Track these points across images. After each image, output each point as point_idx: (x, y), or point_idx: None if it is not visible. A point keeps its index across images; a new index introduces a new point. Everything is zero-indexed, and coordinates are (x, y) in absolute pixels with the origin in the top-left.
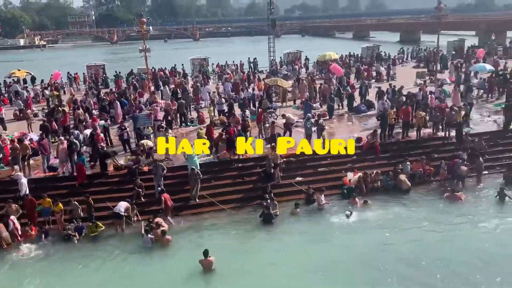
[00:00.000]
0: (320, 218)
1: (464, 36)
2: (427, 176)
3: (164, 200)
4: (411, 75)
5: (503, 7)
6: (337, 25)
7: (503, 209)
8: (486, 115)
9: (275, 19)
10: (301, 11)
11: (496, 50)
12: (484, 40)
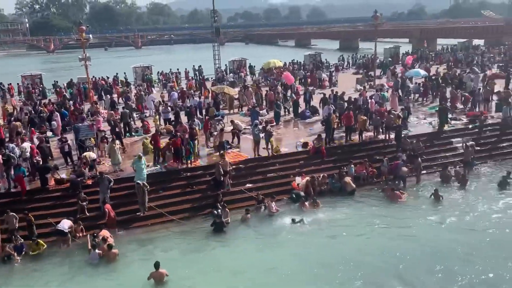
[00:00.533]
0: (271, 224)
1: (399, 43)
2: (370, 178)
3: (106, 211)
4: (352, 81)
5: (432, 16)
6: (280, 33)
7: (438, 208)
8: (422, 118)
9: (219, 27)
10: (244, 19)
11: (430, 56)
12: (417, 47)
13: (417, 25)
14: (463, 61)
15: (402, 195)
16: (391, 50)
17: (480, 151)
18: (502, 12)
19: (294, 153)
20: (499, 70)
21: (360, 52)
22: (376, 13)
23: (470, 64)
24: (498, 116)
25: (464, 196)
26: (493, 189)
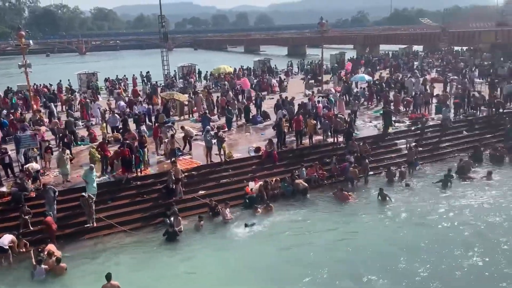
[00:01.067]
0: (225, 230)
1: (344, 49)
2: (321, 180)
3: (47, 224)
4: (300, 86)
5: (374, 23)
6: (229, 39)
7: (385, 207)
8: (368, 121)
9: (167, 33)
10: (192, 25)
11: (374, 61)
12: (361, 53)
13: (361, 32)
14: (405, 66)
15: (351, 196)
16: (337, 56)
17: (423, 151)
18: (438, 20)
19: (247, 158)
20: (437, 75)
21: (308, 58)
22: (322, 20)
23: (411, 69)
24: (438, 117)
25: (409, 195)
26: (435, 187)
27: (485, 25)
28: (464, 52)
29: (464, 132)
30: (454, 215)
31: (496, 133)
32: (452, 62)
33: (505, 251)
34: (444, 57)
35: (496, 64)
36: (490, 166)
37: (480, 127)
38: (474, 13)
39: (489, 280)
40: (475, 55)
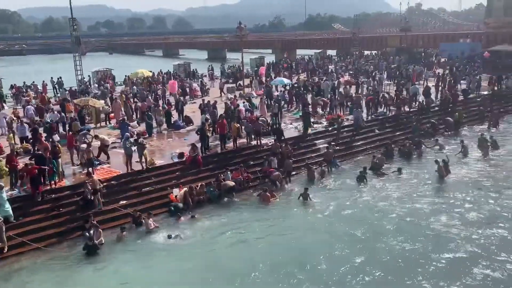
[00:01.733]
0: (149, 241)
1: (263, 53)
2: (246, 182)
3: None
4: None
5: (291, 28)
6: (146, 43)
7: (307, 206)
8: (289, 123)
9: (79, 36)
10: (106, 28)
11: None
12: (280, 57)
13: (278, 37)
14: (320, 69)
15: (275, 197)
16: (256, 60)
17: (340, 150)
18: (349, 26)
19: (170, 165)
20: (350, 77)
21: (228, 62)
22: (241, 24)
23: (326, 72)
24: (352, 118)
25: (329, 194)
26: (353, 184)
27: (391, 31)
28: (374, 56)
29: (376, 131)
30: (370, 208)
31: (404, 130)
32: (363, 65)
33: (424, 235)
34: (355, 61)
35: (401, 67)
36: (400, 161)
37: (390, 126)
38: (381, 20)
39: (414, 262)
40: (384, 58)
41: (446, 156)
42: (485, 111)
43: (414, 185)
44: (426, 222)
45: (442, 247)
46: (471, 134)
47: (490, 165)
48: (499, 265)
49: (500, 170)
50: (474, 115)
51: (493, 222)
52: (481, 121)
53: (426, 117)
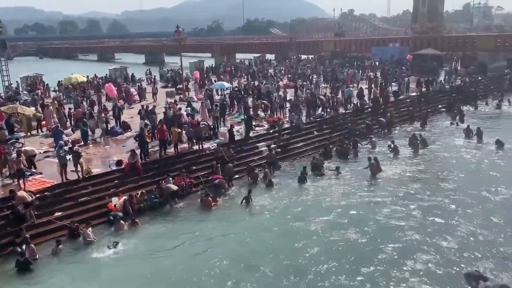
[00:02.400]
0: (87, 253)
1: (202, 57)
2: (188, 188)
3: None
4: (161, 95)
5: (229, 33)
6: (80, 47)
7: (250, 210)
8: None
9: (4, 40)
10: (35, 31)
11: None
12: (220, 61)
13: (217, 40)
14: (260, 73)
15: (217, 201)
16: (196, 64)
17: (281, 152)
18: (286, 30)
19: (108, 173)
20: (289, 81)
21: (167, 66)
22: (179, 28)
23: (266, 76)
24: (292, 120)
25: (271, 195)
26: (294, 185)
27: (326, 35)
28: (311, 60)
29: (314, 132)
30: (313, 206)
31: (341, 131)
32: (301, 69)
33: (367, 227)
34: (294, 65)
35: (336, 70)
36: (338, 161)
37: (328, 127)
38: (316, 25)
39: (362, 252)
40: (320, 62)
41: (376, 155)
42: (414, 111)
43: (351, 182)
44: (366, 215)
45: (384, 237)
46: (402, 133)
47: (420, 161)
48: (437, 249)
49: (429, 166)
50: (404, 115)
51: (427, 212)
52: (411, 120)
53: (361, 118)
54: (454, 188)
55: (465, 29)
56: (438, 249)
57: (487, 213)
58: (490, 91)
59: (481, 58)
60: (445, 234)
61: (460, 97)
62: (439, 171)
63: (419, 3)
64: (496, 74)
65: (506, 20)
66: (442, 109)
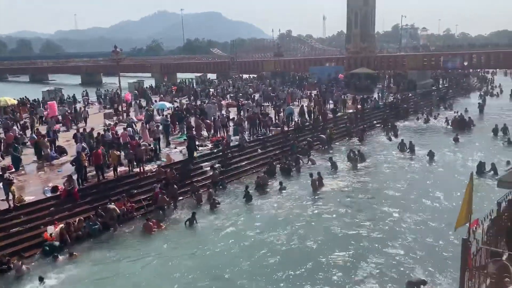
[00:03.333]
0: (19, 287)
1: (142, 77)
2: (130, 212)
3: None
4: (100, 116)
5: (169, 52)
6: (9, 68)
7: (194, 232)
8: (173, 147)
9: None
10: None
11: (171, 89)
12: (160, 81)
13: (157, 60)
14: (202, 92)
15: (161, 225)
16: (135, 84)
17: (226, 171)
18: (226, 50)
19: (42, 200)
20: (231, 100)
21: (104, 87)
22: (116, 48)
23: (208, 95)
24: (236, 139)
25: (217, 215)
26: (239, 203)
27: (266, 55)
28: (252, 79)
29: (258, 150)
30: (258, 223)
31: (284, 148)
32: (243, 88)
33: (312, 239)
34: (235, 84)
35: (277, 89)
36: (281, 178)
37: (271, 145)
38: (255, 45)
39: (311, 260)
40: (261, 82)
41: (317, 170)
42: (352, 128)
43: (296, 197)
44: (313, 228)
45: (334, 246)
46: (342, 148)
47: (359, 174)
48: (385, 255)
49: (368, 178)
50: (343, 131)
51: (371, 221)
52: (349, 136)
53: (302, 135)
54: (394, 198)
55: (395, 49)
56: (386, 254)
57: (425, 218)
58: (420, 107)
59: (411, 76)
60: (390, 240)
61: (393, 113)
62: (378, 183)
63: (352, 25)
64: (425, 91)
65: (430, 40)
66: (377, 125)
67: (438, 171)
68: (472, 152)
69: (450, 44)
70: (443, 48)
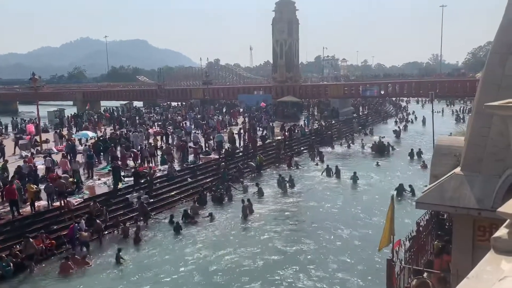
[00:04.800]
0: None
1: (63, 105)
2: (49, 251)
3: None
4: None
5: (93, 80)
6: None
7: (122, 269)
8: (96, 179)
9: None
10: None
11: (95, 118)
12: (82, 109)
13: (80, 88)
14: (128, 121)
15: (86, 263)
16: (56, 112)
17: (154, 202)
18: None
19: None
20: (159, 128)
21: (21, 116)
22: (35, 75)
23: (134, 124)
24: (164, 168)
25: (145, 250)
26: (169, 236)
27: (194, 83)
28: (181, 107)
29: (188, 179)
30: (187, 256)
31: (215, 176)
32: (172, 116)
33: (243, 269)
34: (164, 112)
35: (206, 117)
36: (213, 207)
37: (201, 173)
38: (184, 73)
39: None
40: (190, 109)
41: (248, 197)
42: (280, 154)
43: (226, 225)
44: (241, 254)
45: (272, 269)
46: (272, 174)
47: (289, 199)
48: (307, 279)
49: (298, 202)
50: (272, 157)
51: (292, 246)
52: (278, 162)
53: (233, 162)
54: (321, 221)
55: (318, 78)
56: (314, 277)
57: (352, 240)
58: (343, 133)
59: (333, 104)
60: (317, 263)
61: (319, 139)
62: (307, 207)
63: (278, 55)
64: (347, 118)
65: (350, 70)
66: (304, 151)
67: (362, 194)
68: (392, 174)
69: (368, 74)
70: (362, 78)
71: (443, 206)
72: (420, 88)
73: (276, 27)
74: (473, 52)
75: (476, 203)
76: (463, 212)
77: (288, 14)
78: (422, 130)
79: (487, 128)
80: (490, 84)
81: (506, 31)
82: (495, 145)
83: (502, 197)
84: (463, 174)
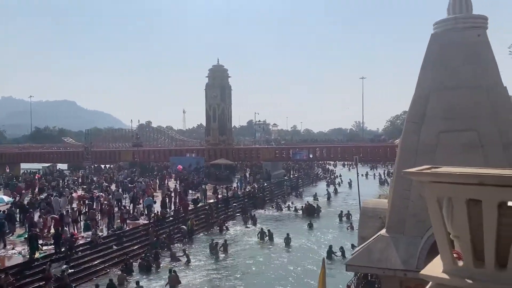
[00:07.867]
0: None
1: None
2: None
3: None
4: None
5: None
6: None
7: None
8: (10, 248)
9: None
10: None
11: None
12: (0, 172)
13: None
14: (50, 184)
15: None
16: None
17: (75, 273)
18: (80, 139)
19: None
20: (84, 192)
21: None
22: None
23: (57, 187)
24: (88, 235)
25: None
26: None
27: (124, 145)
28: (108, 170)
29: (114, 247)
30: None
31: (143, 243)
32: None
33: None
34: (89, 175)
35: (134, 180)
36: (140, 275)
37: (128, 240)
38: (113, 135)
39: None
40: (118, 172)
41: (175, 266)
42: (213, 218)
43: None
44: None
45: None
46: (203, 239)
47: (222, 265)
48: None
49: (228, 268)
50: (204, 221)
51: None
52: (210, 227)
53: (162, 227)
54: (255, 285)
55: (250, 142)
56: None
57: None
58: (275, 195)
59: (265, 166)
60: None
61: (251, 202)
62: (240, 272)
63: (211, 119)
64: (278, 180)
65: (280, 135)
66: (237, 214)
67: (295, 256)
68: (323, 236)
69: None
70: (292, 142)
71: (371, 268)
72: (345, 152)
73: (209, 92)
74: (391, 120)
75: (401, 264)
76: (390, 273)
77: (221, 80)
78: (349, 191)
79: (407, 191)
80: (407, 150)
81: (418, 103)
82: (416, 207)
83: (425, 257)
84: (388, 236)
